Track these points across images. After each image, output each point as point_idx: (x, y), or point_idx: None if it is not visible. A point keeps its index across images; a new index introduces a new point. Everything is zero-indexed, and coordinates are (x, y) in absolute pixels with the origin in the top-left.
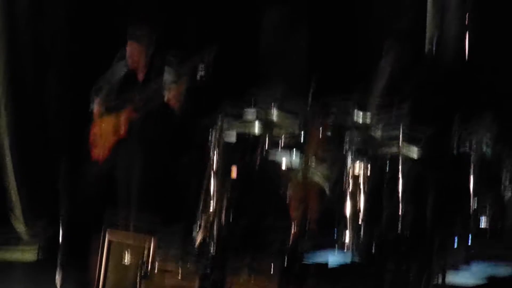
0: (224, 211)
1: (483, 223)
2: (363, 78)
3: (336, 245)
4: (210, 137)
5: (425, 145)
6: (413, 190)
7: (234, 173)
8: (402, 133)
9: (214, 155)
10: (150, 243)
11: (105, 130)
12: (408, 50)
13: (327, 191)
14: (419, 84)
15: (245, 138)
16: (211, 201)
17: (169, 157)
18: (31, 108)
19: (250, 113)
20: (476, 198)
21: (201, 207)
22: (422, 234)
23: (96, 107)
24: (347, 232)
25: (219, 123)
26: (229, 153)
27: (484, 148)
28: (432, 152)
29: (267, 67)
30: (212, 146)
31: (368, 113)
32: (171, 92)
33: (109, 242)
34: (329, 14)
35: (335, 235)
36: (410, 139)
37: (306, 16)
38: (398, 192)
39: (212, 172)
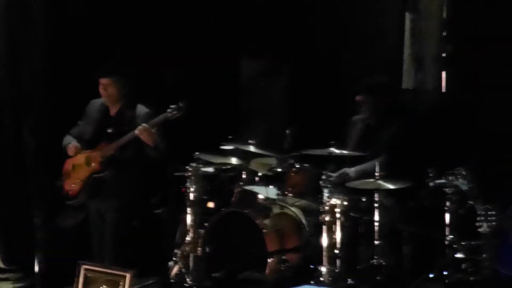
0: (201, 243)
1: (459, 257)
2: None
3: (314, 276)
4: (188, 171)
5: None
6: (389, 223)
7: (211, 205)
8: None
9: (191, 187)
10: (127, 274)
11: (78, 164)
12: (382, 103)
13: (304, 225)
14: (393, 136)
15: (222, 172)
16: (188, 232)
17: (143, 192)
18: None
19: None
20: (453, 234)
21: (177, 239)
22: (399, 265)
23: (70, 141)
24: (324, 263)
25: (197, 157)
26: (206, 186)
27: (459, 185)
28: (409, 185)
29: (247, 109)
30: (189, 179)
31: (346, 152)
32: (143, 129)
33: (85, 275)
34: (306, 68)
35: (313, 267)
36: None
37: (284, 68)
38: (374, 225)
39: (189, 203)
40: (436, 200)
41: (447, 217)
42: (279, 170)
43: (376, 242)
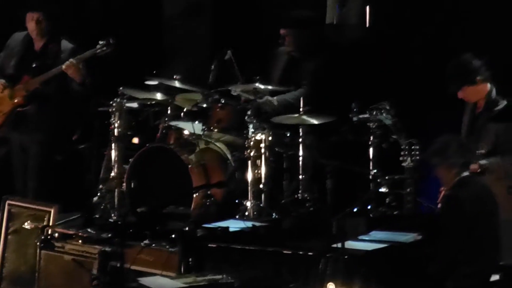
0: (125, 178)
1: (383, 192)
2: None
3: (239, 211)
4: (112, 106)
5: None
6: (314, 159)
7: (135, 140)
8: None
9: (116, 123)
10: (51, 209)
11: (1, 97)
12: (306, 37)
13: (229, 160)
14: (316, 70)
15: (147, 107)
16: (113, 168)
17: (67, 126)
18: None
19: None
20: (376, 168)
21: (102, 174)
22: (322, 199)
23: None
24: (249, 198)
25: (122, 92)
26: (131, 121)
27: (383, 119)
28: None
29: (172, 44)
30: (114, 114)
31: (270, 87)
32: (71, 64)
33: (9, 210)
34: (230, 2)
35: (237, 201)
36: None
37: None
38: (298, 160)
39: (113, 139)
40: (360, 135)
41: (371, 151)
42: (204, 105)
43: (300, 177)
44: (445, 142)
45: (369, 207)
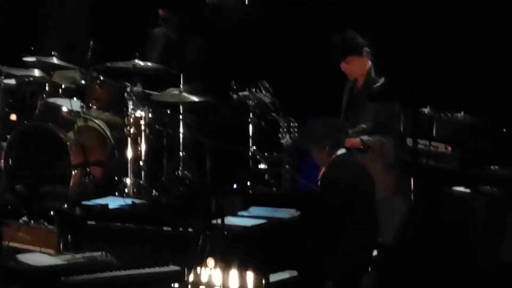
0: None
1: (262, 169)
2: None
3: (118, 189)
4: None
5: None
6: (194, 137)
7: (13, 117)
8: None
9: None
10: None
11: None
12: (185, 18)
13: (109, 138)
14: (196, 50)
15: (25, 84)
16: None
17: None
18: None
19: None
20: (255, 146)
21: None
22: (202, 177)
23: None
24: (129, 176)
25: None
26: (8, 98)
27: (262, 97)
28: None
29: (48, 20)
30: None
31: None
32: None
33: None
34: None
35: (117, 179)
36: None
37: None
38: (178, 138)
39: None
40: (239, 113)
41: (250, 129)
42: (82, 82)
43: (180, 154)
44: (312, 124)
45: (248, 184)
